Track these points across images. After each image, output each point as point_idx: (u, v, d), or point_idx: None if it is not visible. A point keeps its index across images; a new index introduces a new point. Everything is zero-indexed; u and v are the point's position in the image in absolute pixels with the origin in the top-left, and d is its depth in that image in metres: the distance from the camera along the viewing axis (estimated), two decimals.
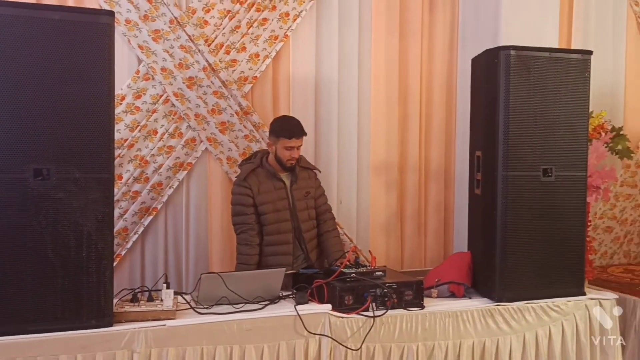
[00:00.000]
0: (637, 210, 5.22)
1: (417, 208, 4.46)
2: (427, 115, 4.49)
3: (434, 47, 4.46)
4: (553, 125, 3.31)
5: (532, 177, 3.27)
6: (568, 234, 3.38)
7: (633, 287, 4.39)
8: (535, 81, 3.25)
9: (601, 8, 4.93)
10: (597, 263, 5.04)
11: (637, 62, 5.14)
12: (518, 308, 3.23)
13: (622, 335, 3.92)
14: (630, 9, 5.05)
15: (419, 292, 3.09)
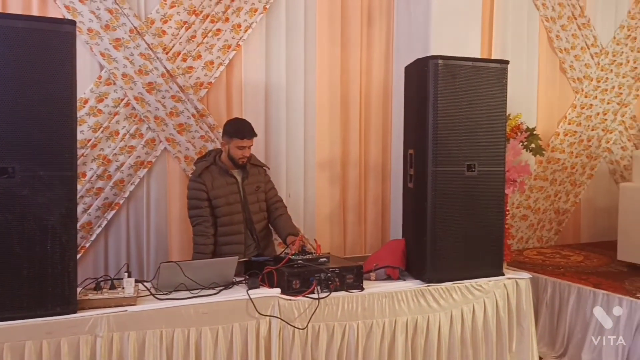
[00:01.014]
0: (548, 200, 5.36)
1: (358, 200, 4.48)
2: (366, 117, 4.50)
3: (372, 57, 4.47)
4: (476, 126, 3.34)
5: (457, 172, 3.30)
6: (489, 222, 3.43)
7: (545, 268, 4.52)
8: (460, 87, 3.28)
9: (517, 23, 5.04)
10: (515, 247, 5.17)
11: (548, 71, 5.27)
12: (446, 288, 3.26)
13: (535, 310, 4.05)
14: (542, 24, 5.18)
15: (359, 276, 3.10)
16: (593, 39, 5.37)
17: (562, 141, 5.37)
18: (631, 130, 5.71)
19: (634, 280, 4.10)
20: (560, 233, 5.49)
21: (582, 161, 5.48)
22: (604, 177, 5.65)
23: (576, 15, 5.26)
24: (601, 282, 4.06)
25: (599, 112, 5.49)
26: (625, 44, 5.52)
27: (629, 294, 3.76)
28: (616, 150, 5.68)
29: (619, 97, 5.56)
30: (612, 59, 5.47)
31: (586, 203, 5.59)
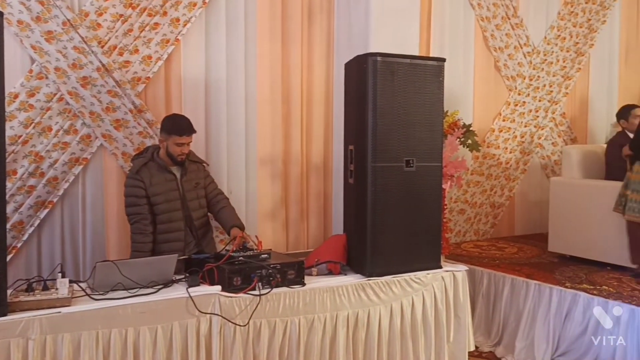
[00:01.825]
0: (484, 194, 5.52)
1: (300, 196, 4.48)
2: (307, 113, 4.50)
3: (312, 54, 4.48)
4: (414, 122, 3.37)
5: (396, 168, 3.33)
6: (427, 216, 3.47)
7: (481, 260, 4.65)
8: (398, 84, 3.31)
9: (454, 22, 5.16)
10: (453, 240, 5.29)
11: (483, 69, 5.42)
12: (386, 282, 3.30)
13: (472, 301, 4.16)
14: (477, 24, 5.32)
15: (301, 271, 3.09)
16: (526, 38, 5.55)
17: (497, 137, 5.53)
18: (561, 127, 5.94)
19: (564, 271, 4.28)
20: (495, 226, 5.66)
21: (516, 156, 5.66)
22: (537, 172, 5.86)
23: (510, 16, 5.43)
24: (533, 272, 4.22)
25: (532, 109, 5.69)
26: (555, 43, 5.73)
27: (559, 284, 3.91)
28: (547, 146, 5.89)
29: (550, 94, 5.78)
30: (543, 58, 5.67)
31: (520, 197, 5.78)
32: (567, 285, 3.88)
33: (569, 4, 5.79)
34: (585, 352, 3.66)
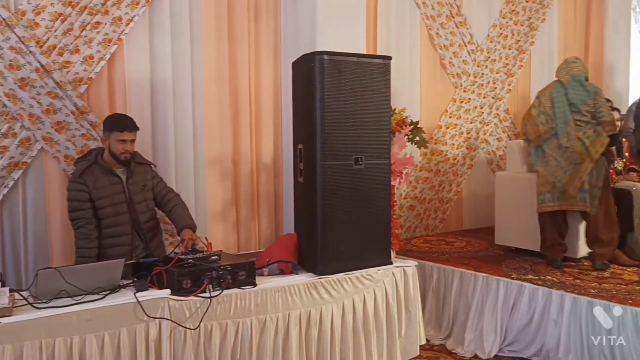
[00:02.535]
0: (433, 190, 5.61)
1: (250, 196, 4.45)
2: (256, 113, 4.47)
3: (260, 52, 4.45)
4: (362, 120, 3.39)
5: (345, 166, 3.34)
6: (377, 213, 3.50)
7: (431, 254, 4.73)
8: (345, 82, 3.32)
9: (400, 21, 5.21)
10: (403, 236, 5.35)
11: (429, 66, 5.50)
12: (337, 279, 3.31)
13: (422, 295, 4.22)
14: (423, 22, 5.39)
15: (252, 272, 3.07)
16: (469, 36, 5.67)
17: (444, 134, 5.62)
18: (505, 123, 6.09)
19: (510, 263, 4.39)
20: (444, 221, 5.76)
21: (463, 152, 5.78)
22: (483, 167, 6.00)
23: (454, 14, 5.53)
24: (481, 265, 4.31)
25: (477, 105, 5.81)
26: (498, 41, 5.87)
27: (505, 276, 4.02)
28: (492, 142, 6.04)
29: (494, 91, 5.92)
30: (486, 56, 5.80)
31: (467, 192, 5.90)
32: (513, 277, 3.98)
33: (510, 2, 5.94)
34: (531, 341, 3.77)
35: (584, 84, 4.25)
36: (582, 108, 4.20)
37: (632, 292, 3.63)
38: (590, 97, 4.20)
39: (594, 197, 4.14)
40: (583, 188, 4.15)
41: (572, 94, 4.25)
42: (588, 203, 4.16)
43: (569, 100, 4.24)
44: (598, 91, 4.24)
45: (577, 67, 4.32)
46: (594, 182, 4.14)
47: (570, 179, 4.18)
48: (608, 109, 4.20)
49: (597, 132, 4.15)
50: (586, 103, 4.19)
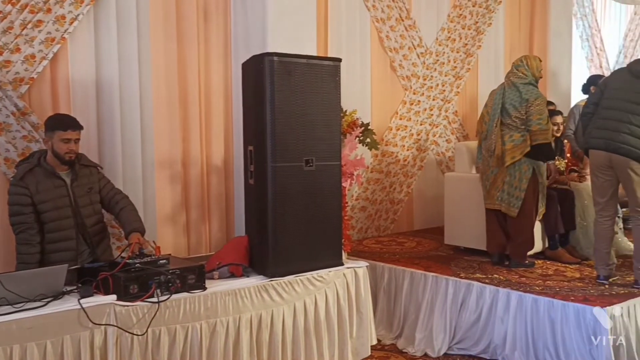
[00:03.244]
0: (384, 191, 5.66)
1: (201, 198, 4.38)
2: (206, 114, 4.41)
3: (210, 53, 4.39)
4: (312, 122, 3.40)
5: (296, 167, 3.35)
6: (328, 214, 3.52)
7: (382, 255, 4.77)
8: (295, 84, 3.32)
9: (350, 23, 5.24)
10: (355, 237, 5.38)
11: (380, 69, 5.55)
12: (289, 281, 3.31)
13: (374, 295, 4.26)
14: (373, 25, 5.44)
15: (201, 276, 3.03)
16: (419, 39, 5.75)
17: (394, 135, 5.68)
18: (454, 125, 6.21)
19: (459, 262, 4.47)
20: (395, 222, 5.82)
21: (413, 154, 5.85)
22: (432, 168, 6.09)
23: (403, 17, 5.60)
24: (431, 265, 4.38)
25: (426, 107, 5.90)
26: (446, 44, 5.98)
27: (454, 275, 4.09)
28: (442, 143, 6.14)
29: (443, 94, 6.02)
30: (435, 59, 5.90)
31: (417, 192, 5.98)
32: (462, 276, 4.06)
33: (457, 6, 6.05)
34: (479, 339, 3.85)
35: (520, 89, 4.32)
36: (512, 113, 4.29)
37: (574, 288, 3.75)
38: (522, 104, 4.27)
39: (513, 199, 4.26)
40: (503, 189, 4.31)
41: (507, 98, 4.36)
42: (505, 203, 4.29)
43: (504, 103, 4.35)
44: (532, 99, 4.23)
45: (520, 72, 4.41)
46: (515, 184, 4.26)
47: (494, 179, 4.36)
48: (539, 118, 4.21)
49: (524, 138, 4.25)
50: (517, 109, 4.28)
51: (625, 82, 3.83)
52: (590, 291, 3.69)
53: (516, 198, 4.26)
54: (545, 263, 4.45)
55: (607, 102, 3.86)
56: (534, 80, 4.39)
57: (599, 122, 3.87)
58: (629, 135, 3.68)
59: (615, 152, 3.73)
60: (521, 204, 4.25)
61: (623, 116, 3.73)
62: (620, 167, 3.73)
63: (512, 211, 4.28)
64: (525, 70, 4.40)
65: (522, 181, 4.25)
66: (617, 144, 3.71)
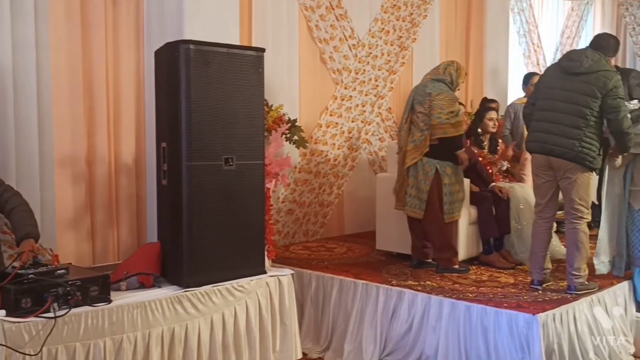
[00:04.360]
0: (313, 193, 5.69)
1: (108, 200, 4.25)
2: (115, 107, 4.28)
3: (119, 39, 4.27)
4: (232, 117, 3.40)
5: (214, 166, 3.33)
6: (250, 218, 3.52)
7: (310, 262, 4.79)
8: (214, 75, 3.31)
9: (276, 10, 5.24)
10: (281, 243, 5.38)
11: (309, 61, 5.58)
12: (205, 292, 3.28)
13: (300, 306, 4.28)
14: (302, 13, 5.46)
15: (106, 287, 2.96)
16: (350, 30, 5.82)
17: (324, 133, 5.73)
18: (387, 122, 6.32)
19: (390, 269, 4.56)
20: (325, 226, 5.86)
21: (344, 153, 5.92)
22: (365, 168, 6.18)
23: (334, 6, 5.65)
24: (362, 272, 4.43)
25: (358, 103, 5.98)
26: (380, 37, 6.08)
27: (385, 282, 4.16)
28: (375, 142, 6.24)
29: (376, 89, 6.12)
30: (368, 51, 5.98)
31: (349, 194, 6.05)
32: (393, 283, 4.13)
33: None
34: (410, 349, 3.92)
35: (427, 84, 4.46)
36: (417, 109, 4.44)
37: (507, 295, 3.90)
38: (425, 99, 4.39)
39: (417, 201, 4.42)
40: (408, 192, 4.47)
41: (417, 95, 4.51)
42: (417, 208, 4.44)
43: (414, 100, 4.51)
44: (435, 93, 4.35)
45: (436, 70, 4.56)
46: (418, 186, 4.42)
47: (403, 181, 4.53)
48: (439, 112, 4.30)
49: (424, 137, 4.39)
50: (421, 104, 4.42)
51: (556, 79, 4.00)
52: (524, 297, 3.84)
53: (420, 200, 4.42)
54: (479, 268, 4.60)
55: (540, 103, 4.05)
56: (449, 81, 4.49)
57: (534, 125, 4.07)
58: (560, 136, 3.86)
59: (550, 155, 3.91)
60: (425, 207, 4.39)
61: (553, 116, 3.91)
62: (557, 168, 3.93)
63: (417, 214, 4.44)
64: (453, 70, 4.52)
65: (424, 183, 4.40)
66: (550, 147, 3.90)
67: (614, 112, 3.79)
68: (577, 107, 3.82)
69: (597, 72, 3.83)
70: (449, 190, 4.43)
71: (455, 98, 4.48)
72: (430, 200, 4.39)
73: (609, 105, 3.79)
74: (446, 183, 4.41)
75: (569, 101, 3.86)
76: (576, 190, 3.90)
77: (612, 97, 3.78)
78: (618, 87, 3.81)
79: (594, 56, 3.89)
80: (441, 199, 4.42)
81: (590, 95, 3.80)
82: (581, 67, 3.87)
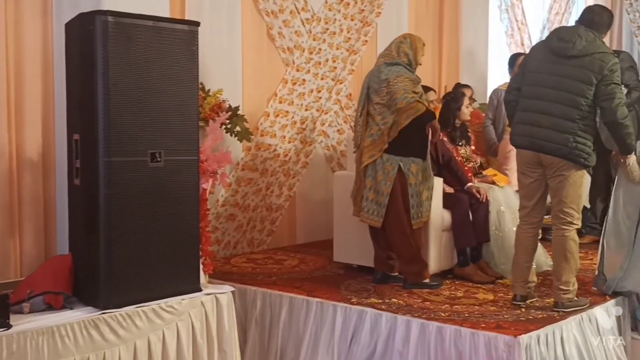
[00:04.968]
0: (259, 195, 5.68)
1: (9, 203, 4.16)
2: (17, 91, 4.20)
3: (22, 9, 4.18)
4: (160, 103, 3.40)
5: (139, 163, 3.32)
6: (182, 225, 3.52)
7: (255, 277, 4.78)
8: (137, 53, 3.29)
9: None
10: (220, 254, 5.37)
11: (253, 38, 5.57)
12: (127, 314, 3.26)
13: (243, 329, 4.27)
14: None
15: (4, 309, 2.93)
16: (303, 2, 5.84)
17: (272, 123, 5.73)
18: (347, 111, 6.35)
19: (350, 284, 4.59)
20: (274, 234, 5.86)
21: (296, 147, 5.93)
22: (321, 165, 6.21)
23: None
24: (316, 288, 4.45)
25: (313, 88, 6.00)
26: (338, 10, 6.11)
27: (344, 300, 4.18)
28: (332, 134, 6.27)
29: (334, 71, 6.15)
30: (324, 27, 6.01)
31: (302, 196, 6.07)
32: (353, 302, 4.16)
33: None
34: None
35: (382, 70, 4.48)
36: (375, 99, 4.47)
37: (485, 313, 3.96)
38: (382, 86, 4.41)
39: (376, 205, 4.45)
40: (367, 196, 4.48)
41: (371, 83, 4.52)
42: (374, 214, 4.47)
43: (369, 89, 4.53)
44: (393, 77, 4.37)
45: (388, 51, 4.59)
46: (381, 189, 4.43)
47: (360, 182, 4.55)
48: (404, 94, 4.30)
49: (382, 132, 4.40)
50: (378, 93, 4.44)
51: (543, 62, 4.03)
52: (505, 316, 3.91)
53: (378, 205, 4.44)
54: (454, 283, 4.66)
55: (527, 90, 4.07)
56: (406, 63, 4.51)
57: (520, 115, 4.08)
58: (551, 130, 3.89)
59: (542, 151, 3.94)
60: (386, 212, 4.42)
61: (543, 106, 3.94)
62: (548, 166, 3.97)
63: (375, 221, 4.46)
64: (408, 48, 4.54)
65: (384, 184, 4.42)
66: (541, 142, 3.92)
67: (608, 99, 3.84)
68: (570, 96, 3.87)
69: (592, 54, 3.87)
70: (415, 191, 4.45)
71: (417, 80, 4.52)
72: (392, 204, 4.41)
73: (603, 92, 3.83)
74: (412, 183, 4.43)
75: (560, 88, 3.89)
76: (567, 190, 3.95)
77: (607, 82, 3.83)
78: (614, 70, 3.85)
79: (587, 35, 3.92)
80: (407, 202, 4.44)
81: (584, 82, 3.84)
82: (574, 48, 3.89)
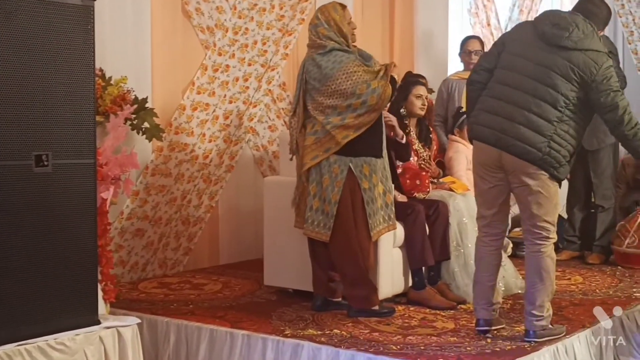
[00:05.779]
0: (173, 205, 5.65)
1: None
2: None
3: None
4: (48, 94, 3.37)
5: (20, 168, 3.30)
6: (75, 243, 3.50)
7: (168, 306, 4.75)
8: (19, 33, 3.26)
9: None
10: (127, 278, 5.33)
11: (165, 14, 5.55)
12: (6, 353, 3.20)
13: None
14: None
15: None
16: None
17: (189, 118, 5.71)
18: (280, 104, 6.38)
19: (284, 313, 4.60)
20: (192, 252, 5.84)
21: (219, 147, 5.92)
22: (249, 169, 6.22)
23: None
24: (242, 318, 4.46)
25: (239, 76, 6.00)
26: None
27: (276, 332, 4.19)
28: (263, 131, 6.29)
29: (264, 56, 6.16)
30: (252, 2, 6.02)
31: (226, 207, 6.06)
32: (287, 334, 4.17)
33: None
34: None
35: (319, 62, 4.46)
36: (317, 98, 4.46)
37: (444, 345, 4.02)
38: (326, 83, 4.41)
39: (322, 216, 4.47)
40: (312, 205, 4.51)
41: (309, 77, 4.52)
42: (321, 226, 4.48)
43: (306, 83, 4.53)
44: (337, 71, 4.38)
45: (312, 38, 4.59)
46: (328, 196, 4.45)
47: (303, 189, 4.59)
48: (367, 87, 4.34)
49: (328, 132, 4.43)
50: (321, 92, 4.44)
51: (528, 46, 4.01)
52: (467, 348, 3.97)
53: (325, 215, 4.45)
54: (407, 309, 4.72)
55: (501, 74, 4.04)
56: (338, 47, 4.50)
57: (489, 103, 4.04)
58: (526, 128, 3.87)
59: (507, 151, 3.93)
60: (333, 224, 4.44)
61: (519, 98, 3.92)
62: (512, 171, 3.96)
63: (322, 235, 4.48)
64: (327, 30, 4.53)
65: (332, 190, 4.44)
66: (510, 140, 3.90)
67: (611, 110, 3.87)
68: (553, 93, 3.87)
69: (586, 50, 3.88)
70: (370, 197, 4.48)
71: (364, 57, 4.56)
72: (342, 213, 4.43)
73: (603, 104, 3.86)
74: (366, 188, 4.47)
75: (543, 81, 3.89)
76: (539, 202, 3.95)
77: (604, 92, 3.84)
78: (609, 77, 3.87)
79: (585, 27, 3.93)
80: (363, 210, 4.47)
81: (569, 80, 3.86)
82: (569, 39, 3.89)
